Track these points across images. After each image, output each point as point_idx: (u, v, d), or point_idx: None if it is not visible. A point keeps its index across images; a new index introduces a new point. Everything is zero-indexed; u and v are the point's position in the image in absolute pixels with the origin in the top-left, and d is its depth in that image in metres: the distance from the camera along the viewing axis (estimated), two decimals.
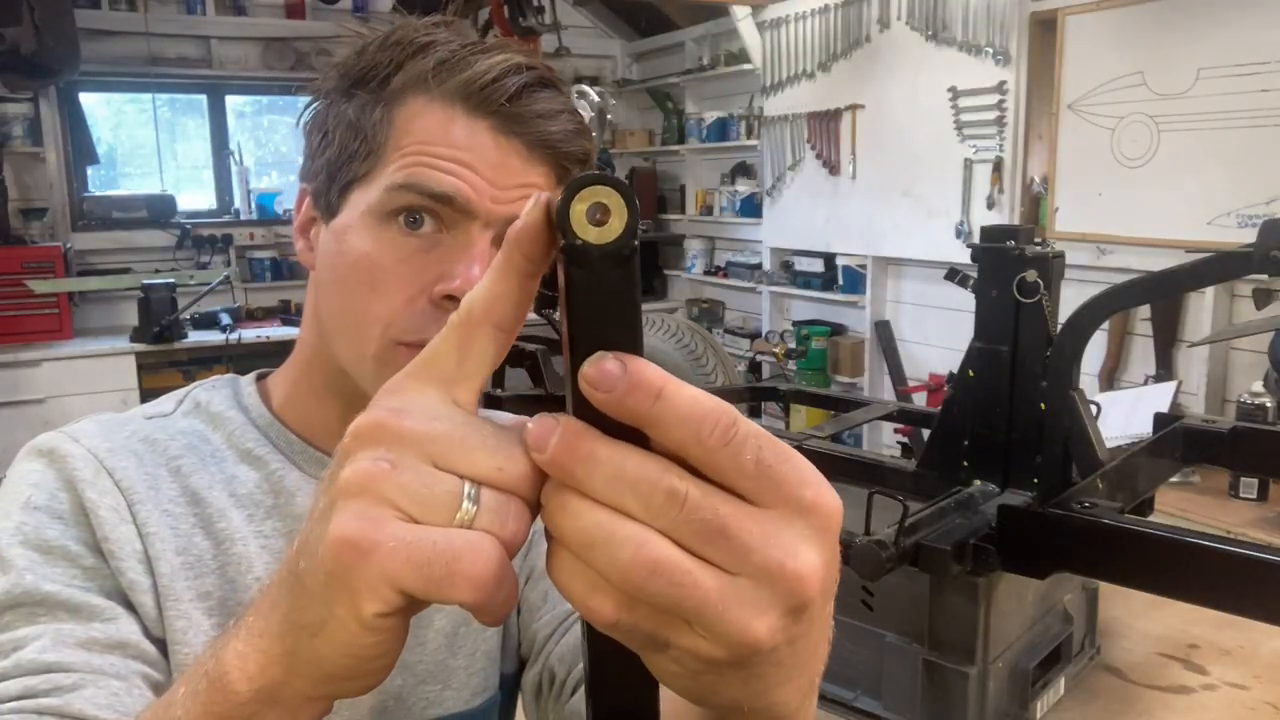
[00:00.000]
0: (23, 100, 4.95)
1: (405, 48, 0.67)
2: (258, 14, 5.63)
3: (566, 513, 0.31)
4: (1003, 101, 4.27)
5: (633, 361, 0.31)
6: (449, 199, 0.65)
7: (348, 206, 0.68)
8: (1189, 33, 3.54)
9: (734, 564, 0.31)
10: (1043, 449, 1.57)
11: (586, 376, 0.31)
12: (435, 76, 0.66)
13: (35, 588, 0.60)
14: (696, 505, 0.30)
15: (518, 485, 0.33)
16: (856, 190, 5.10)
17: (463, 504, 0.33)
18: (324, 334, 0.72)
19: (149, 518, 0.66)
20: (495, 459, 0.33)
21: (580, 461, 0.31)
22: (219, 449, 0.73)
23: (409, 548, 0.32)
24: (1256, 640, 1.84)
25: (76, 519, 0.64)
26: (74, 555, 0.63)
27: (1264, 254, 1.42)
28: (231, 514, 0.70)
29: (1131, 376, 3.95)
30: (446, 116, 0.66)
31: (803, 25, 5.29)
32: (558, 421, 0.31)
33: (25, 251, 4.80)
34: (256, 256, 5.68)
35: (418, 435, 0.33)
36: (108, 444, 0.68)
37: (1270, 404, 2.88)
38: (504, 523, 0.33)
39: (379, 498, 0.33)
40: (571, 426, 0.31)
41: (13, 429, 4.44)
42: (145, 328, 4.72)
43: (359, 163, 0.67)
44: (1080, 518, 1.39)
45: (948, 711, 1.60)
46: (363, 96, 0.68)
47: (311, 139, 0.71)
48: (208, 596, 0.67)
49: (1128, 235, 3.81)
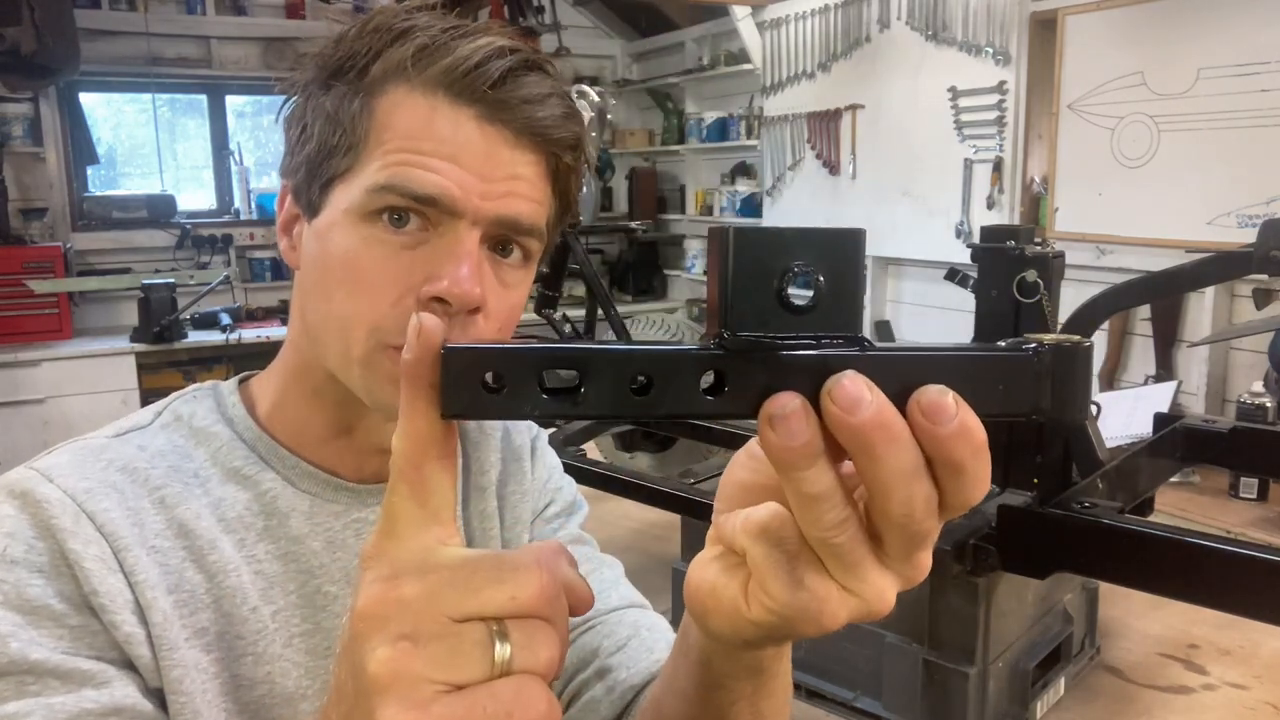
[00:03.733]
0: (23, 100, 4.95)
1: (383, 34, 0.64)
2: (258, 14, 5.62)
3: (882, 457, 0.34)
4: (1003, 101, 4.27)
5: (963, 407, 0.34)
6: (434, 200, 0.62)
7: (329, 204, 0.65)
8: (1189, 33, 3.54)
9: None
10: (1043, 449, 1.57)
11: (922, 403, 0.34)
12: (415, 64, 0.63)
13: (22, 656, 0.56)
14: (929, 498, 0.35)
15: (536, 607, 0.34)
16: (856, 190, 5.10)
17: (494, 647, 0.33)
18: (310, 337, 0.69)
19: (136, 562, 0.61)
20: (505, 589, 0.34)
21: (888, 435, 0.34)
22: (202, 468, 0.68)
23: (463, 719, 0.32)
24: (1256, 640, 1.84)
25: (57, 571, 0.59)
26: (59, 615, 0.58)
27: (1264, 254, 1.43)
28: (222, 543, 0.66)
29: (1131, 376, 3.95)
30: (429, 107, 0.63)
31: (803, 25, 5.29)
32: (871, 392, 0.33)
33: (25, 251, 4.80)
34: (256, 256, 5.68)
35: (421, 597, 0.33)
36: (85, 483, 0.63)
37: (1270, 404, 2.88)
38: (537, 652, 0.34)
39: (414, 680, 0.33)
40: (885, 401, 0.34)
41: (13, 429, 4.44)
42: (145, 328, 4.71)
43: (339, 157, 0.64)
44: (1080, 518, 1.39)
45: (948, 711, 1.60)
46: (341, 88, 0.64)
47: (290, 133, 0.68)
48: (204, 633, 0.64)
49: (1128, 235, 3.81)
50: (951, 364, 0.35)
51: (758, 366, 0.34)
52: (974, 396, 0.34)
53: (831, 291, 0.35)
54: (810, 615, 0.37)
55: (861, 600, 0.37)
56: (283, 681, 0.66)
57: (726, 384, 0.34)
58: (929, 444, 0.34)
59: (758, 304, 0.34)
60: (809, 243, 0.35)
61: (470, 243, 0.63)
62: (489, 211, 0.64)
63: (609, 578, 0.82)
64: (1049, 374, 0.35)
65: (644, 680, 0.72)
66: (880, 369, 0.34)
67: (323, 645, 0.69)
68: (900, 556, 0.37)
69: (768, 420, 0.34)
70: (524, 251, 0.68)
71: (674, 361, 0.34)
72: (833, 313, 0.35)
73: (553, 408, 0.34)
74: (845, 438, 0.34)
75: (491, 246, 0.66)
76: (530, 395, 0.33)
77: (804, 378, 0.34)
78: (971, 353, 0.35)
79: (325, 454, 0.72)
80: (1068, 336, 0.36)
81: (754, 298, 0.34)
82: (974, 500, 0.36)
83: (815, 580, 0.37)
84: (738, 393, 0.34)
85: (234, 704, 0.64)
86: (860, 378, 0.33)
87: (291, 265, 0.71)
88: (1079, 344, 0.36)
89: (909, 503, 0.34)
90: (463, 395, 0.33)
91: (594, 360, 0.34)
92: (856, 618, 0.38)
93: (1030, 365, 0.35)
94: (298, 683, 0.67)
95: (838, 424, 0.33)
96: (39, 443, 4.62)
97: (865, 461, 0.34)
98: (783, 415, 0.33)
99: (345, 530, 0.72)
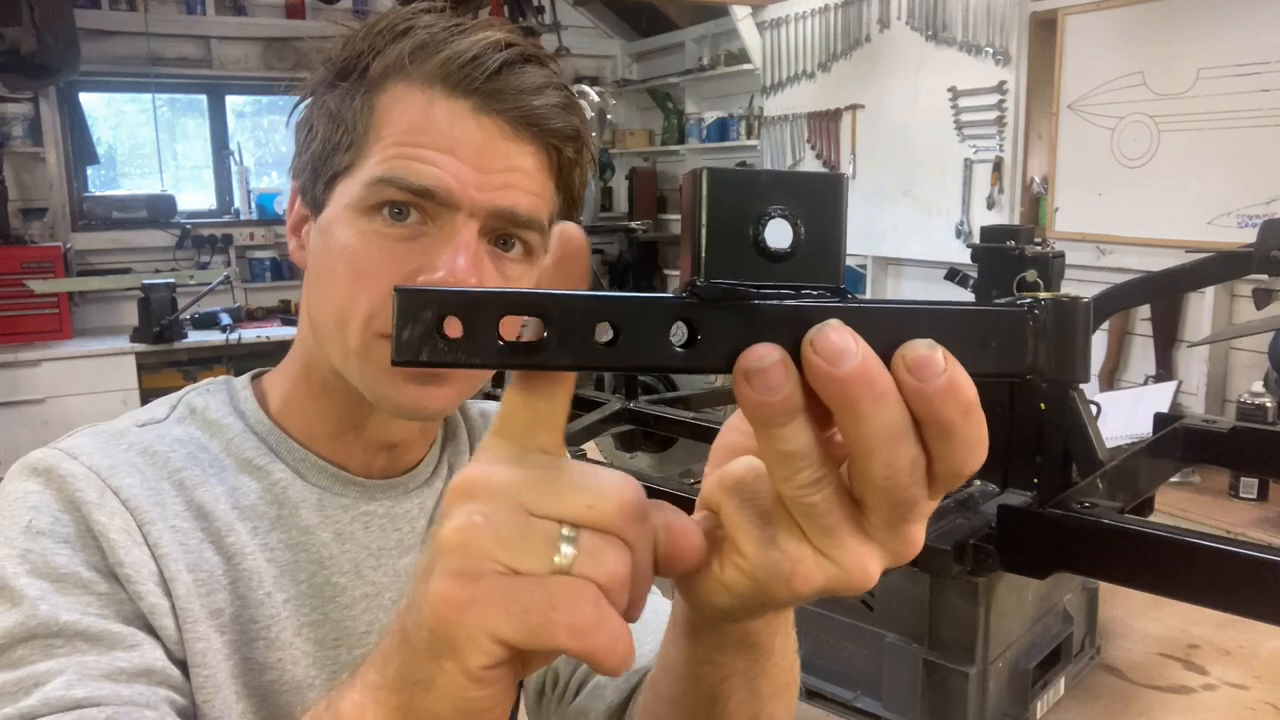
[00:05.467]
0: (23, 100, 4.95)
1: (385, 34, 0.65)
2: (258, 14, 5.63)
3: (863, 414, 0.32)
4: (1003, 101, 4.27)
5: (952, 362, 0.32)
6: (430, 193, 0.63)
7: (333, 201, 0.66)
8: (1189, 33, 3.54)
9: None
10: (1043, 449, 1.57)
11: (908, 359, 0.32)
12: (413, 59, 0.64)
13: (52, 618, 0.56)
14: (915, 461, 0.33)
15: (611, 521, 0.34)
16: (856, 190, 5.10)
17: (560, 548, 0.33)
18: (316, 335, 0.70)
19: (160, 537, 0.62)
20: (586, 497, 0.33)
21: (874, 391, 0.32)
22: (218, 458, 0.69)
23: (506, 599, 0.32)
24: (1256, 640, 1.84)
25: (84, 542, 0.60)
26: (86, 582, 0.59)
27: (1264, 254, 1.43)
28: (238, 527, 0.67)
29: (1131, 376, 3.95)
30: (426, 100, 0.64)
31: (803, 25, 5.29)
32: (857, 343, 0.31)
33: (25, 251, 4.80)
34: (256, 256, 5.68)
35: (508, 485, 0.34)
36: (108, 460, 0.64)
37: (1270, 404, 2.88)
38: (601, 563, 0.33)
39: (475, 552, 0.33)
40: (871, 353, 0.32)
41: (13, 429, 4.44)
42: (145, 328, 4.72)
43: (342, 154, 0.65)
44: (1080, 518, 1.39)
45: (948, 711, 1.60)
46: (344, 87, 0.66)
47: (299, 134, 0.69)
48: (220, 613, 0.65)
49: (1128, 235, 3.81)
50: (941, 319, 0.33)
51: (733, 317, 0.32)
52: (965, 354, 0.32)
53: (811, 239, 0.33)
54: (782, 576, 0.35)
55: (839, 568, 0.35)
56: (293, 669, 0.67)
57: (699, 335, 0.32)
58: (915, 402, 0.32)
59: (733, 251, 0.32)
60: (788, 187, 0.33)
61: (468, 234, 0.64)
62: (486, 203, 0.64)
63: None
64: (1046, 331, 0.33)
65: (649, 663, 0.73)
66: (864, 322, 0.32)
67: (330, 636, 0.70)
68: (885, 525, 0.34)
69: (743, 374, 0.32)
70: (525, 246, 0.68)
71: (643, 310, 0.32)
72: (813, 261, 0.33)
73: (512, 358, 0.32)
74: (827, 391, 0.32)
75: (492, 241, 0.66)
76: (488, 343, 0.32)
77: (782, 329, 0.32)
78: (963, 307, 0.33)
79: (334, 449, 0.73)
80: (1066, 294, 0.34)
81: (729, 244, 0.32)
82: (966, 469, 0.33)
83: (789, 541, 0.35)
84: (711, 345, 0.32)
85: (244, 687, 0.65)
86: (845, 328, 0.31)
87: (300, 265, 0.71)
88: (1077, 300, 0.34)
89: (893, 465, 0.32)
90: (416, 339, 0.32)
91: (557, 306, 0.32)
92: (834, 587, 0.36)
93: (1026, 321, 0.33)
94: (306, 671, 0.68)
95: (819, 376, 0.31)
96: (39, 443, 4.55)
97: (847, 418, 0.32)
98: (760, 369, 0.32)
99: (354, 523, 0.72)
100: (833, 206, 0.33)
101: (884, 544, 0.35)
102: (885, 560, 0.36)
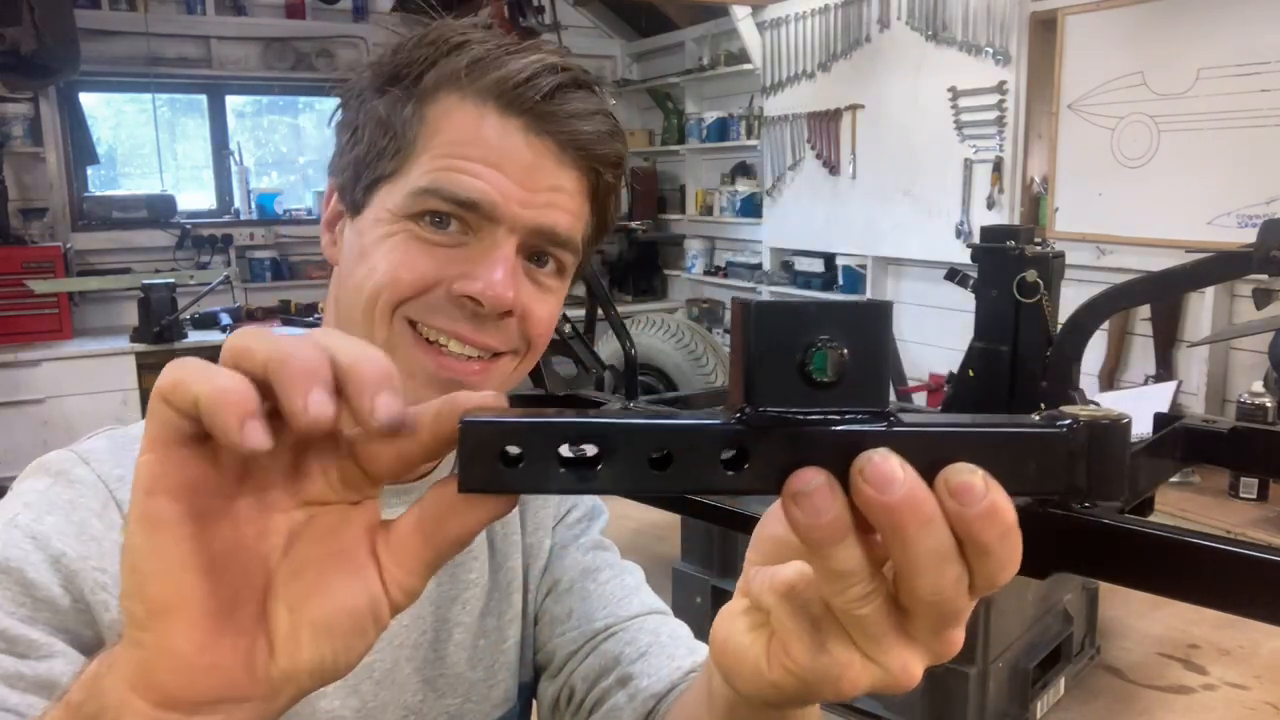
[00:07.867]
0: (23, 100, 4.95)
1: (440, 46, 0.66)
2: (258, 14, 5.63)
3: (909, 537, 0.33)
4: (1003, 101, 4.27)
5: (993, 486, 0.33)
6: (474, 205, 0.64)
7: (374, 203, 0.67)
8: (1189, 33, 3.54)
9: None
10: None
11: (950, 483, 0.33)
12: (469, 74, 0.65)
13: None
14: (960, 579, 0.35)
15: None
16: (856, 190, 5.10)
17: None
18: (342, 328, 0.70)
19: None
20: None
21: (920, 517, 0.33)
22: None
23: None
24: (1256, 640, 1.84)
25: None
26: (29, 583, 0.58)
27: (1264, 254, 1.43)
28: None
29: (1131, 376, 3.95)
30: (478, 114, 0.65)
31: (803, 25, 5.29)
32: (904, 471, 0.32)
33: (25, 251, 4.80)
34: (256, 256, 5.68)
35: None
36: (119, 470, 0.64)
37: (1270, 404, 2.88)
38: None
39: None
40: (918, 480, 0.33)
41: (13, 429, 4.44)
42: (145, 328, 4.72)
43: (387, 160, 0.66)
44: (1080, 518, 1.39)
45: (948, 711, 1.60)
46: (395, 93, 0.66)
47: (341, 135, 0.70)
48: None
49: (1128, 235, 3.81)
50: (981, 441, 0.34)
51: (781, 442, 0.34)
52: (1004, 474, 0.33)
53: (856, 365, 0.34)
54: (830, 681, 0.37)
55: (885, 671, 0.36)
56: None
57: (748, 460, 0.34)
58: (957, 525, 0.33)
59: (780, 378, 0.34)
60: (833, 315, 0.34)
61: (507, 248, 0.65)
62: (528, 220, 0.65)
63: (629, 584, 0.83)
64: (1084, 452, 0.34)
65: (665, 688, 0.73)
66: (909, 445, 0.33)
67: None
68: (929, 631, 0.36)
69: (792, 497, 0.33)
70: (558, 264, 0.69)
71: (695, 436, 0.34)
72: (858, 386, 0.34)
73: (571, 481, 0.34)
74: (876, 517, 0.33)
75: (527, 256, 0.68)
76: (549, 468, 0.33)
77: (829, 453, 0.33)
78: (1002, 428, 0.34)
79: None
80: (1106, 412, 0.35)
81: (776, 374, 0.34)
82: (1000, 583, 0.35)
83: (838, 647, 0.37)
84: (760, 468, 0.34)
85: None
86: (893, 455, 0.33)
87: (331, 261, 0.72)
88: (1116, 420, 0.34)
89: (939, 583, 0.34)
90: (482, 468, 0.33)
91: (614, 434, 0.33)
92: (878, 688, 0.38)
93: (1064, 443, 0.34)
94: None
95: (869, 503, 0.33)
96: (39, 442, 4.63)
97: (896, 541, 0.33)
98: (806, 492, 0.33)
99: None
100: (877, 332, 0.34)
101: (927, 646, 0.37)
102: (927, 660, 0.37)
